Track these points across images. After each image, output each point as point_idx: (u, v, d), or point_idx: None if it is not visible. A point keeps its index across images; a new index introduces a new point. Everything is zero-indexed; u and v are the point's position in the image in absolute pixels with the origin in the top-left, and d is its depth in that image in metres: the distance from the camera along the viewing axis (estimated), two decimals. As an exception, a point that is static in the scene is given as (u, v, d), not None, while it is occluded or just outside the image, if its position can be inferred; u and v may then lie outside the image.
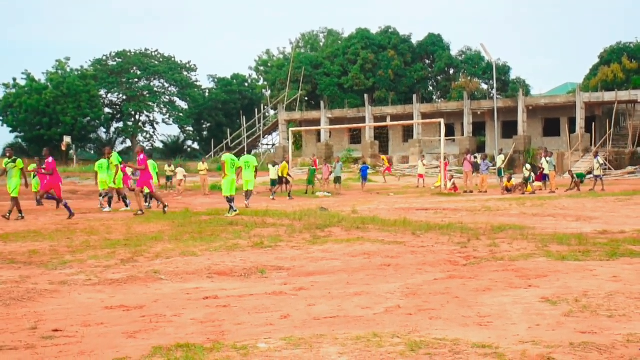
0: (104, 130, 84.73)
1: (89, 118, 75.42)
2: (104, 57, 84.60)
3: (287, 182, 31.90)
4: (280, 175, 31.81)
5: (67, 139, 63.62)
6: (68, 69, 77.91)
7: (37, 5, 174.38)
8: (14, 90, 74.56)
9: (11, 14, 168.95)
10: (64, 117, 70.88)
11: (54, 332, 6.55)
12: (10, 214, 19.47)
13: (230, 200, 20.27)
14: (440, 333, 6.08)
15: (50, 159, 20.91)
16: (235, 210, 19.77)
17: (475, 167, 35.58)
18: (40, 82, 74.32)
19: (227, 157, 20.97)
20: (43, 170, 21.34)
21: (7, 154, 21.18)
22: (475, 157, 38.60)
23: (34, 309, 7.70)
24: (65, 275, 9.94)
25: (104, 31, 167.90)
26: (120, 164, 23.49)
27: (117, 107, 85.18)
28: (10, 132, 76.15)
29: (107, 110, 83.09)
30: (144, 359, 5.56)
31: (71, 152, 66.82)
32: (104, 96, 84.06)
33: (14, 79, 75.86)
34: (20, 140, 77.59)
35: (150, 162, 23.97)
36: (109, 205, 22.72)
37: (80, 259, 11.52)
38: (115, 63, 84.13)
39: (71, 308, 7.76)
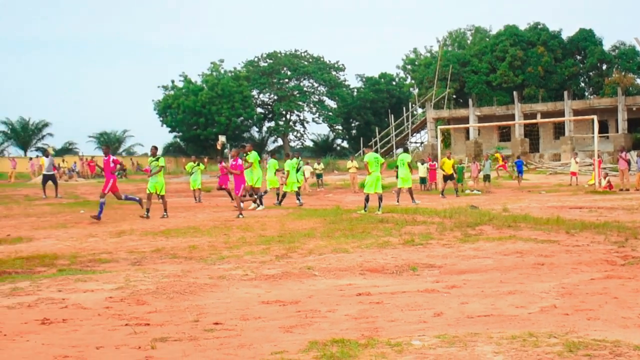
0: (257, 129, 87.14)
1: (242, 118, 77.72)
2: (256, 59, 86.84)
3: (452, 178, 30.76)
4: (444, 172, 30.64)
5: (222, 138, 65.48)
6: (222, 71, 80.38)
7: (194, 8, 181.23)
8: (172, 92, 77.62)
9: (170, 18, 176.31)
10: (218, 117, 73.29)
11: (215, 325, 6.81)
12: (166, 212, 20.09)
13: (367, 199, 20.37)
14: (599, 334, 5.92)
15: (110, 158, 19.54)
16: (365, 211, 19.84)
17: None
18: (196, 84, 77.03)
19: (368, 157, 20.87)
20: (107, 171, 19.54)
21: (151, 153, 21.44)
22: None
23: (195, 302, 8.05)
24: (224, 270, 10.31)
25: (255, 33, 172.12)
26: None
27: (269, 107, 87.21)
28: (170, 132, 79.45)
29: (259, 110, 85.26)
30: (300, 353, 5.67)
31: (226, 151, 68.95)
32: (256, 96, 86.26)
33: (172, 81, 79.10)
34: (178, 140, 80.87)
35: (290, 162, 24.39)
36: (261, 203, 23.12)
37: (237, 255, 11.92)
38: (266, 64, 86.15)
39: (230, 302, 8.06)
